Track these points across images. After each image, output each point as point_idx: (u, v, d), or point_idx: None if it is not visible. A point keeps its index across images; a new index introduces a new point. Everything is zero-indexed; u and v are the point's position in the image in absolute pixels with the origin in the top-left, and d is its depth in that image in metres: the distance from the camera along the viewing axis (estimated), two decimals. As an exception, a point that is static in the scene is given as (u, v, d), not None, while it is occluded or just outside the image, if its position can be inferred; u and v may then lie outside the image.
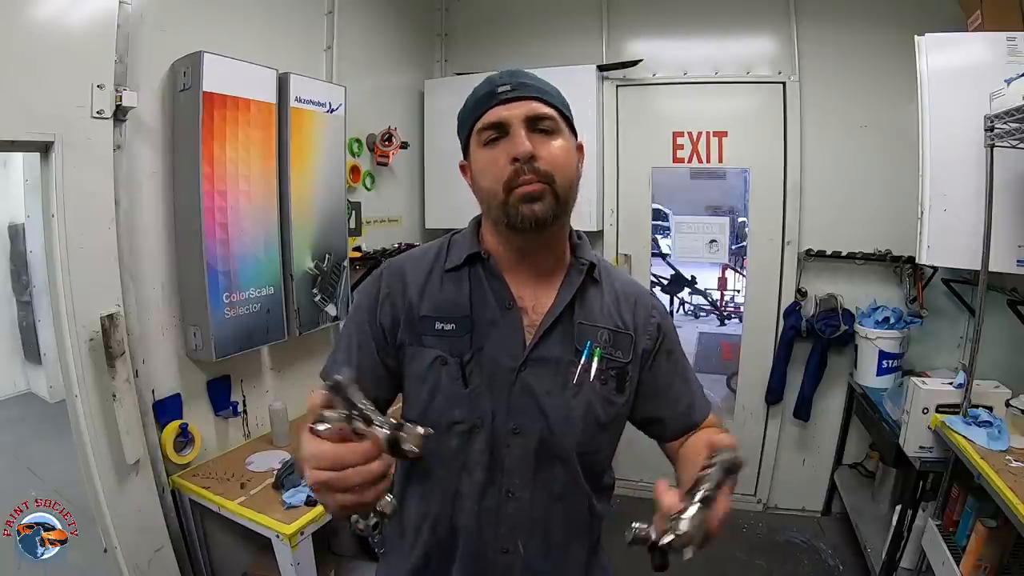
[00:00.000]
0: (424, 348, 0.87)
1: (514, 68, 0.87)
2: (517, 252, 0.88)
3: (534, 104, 0.82)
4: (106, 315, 1.57)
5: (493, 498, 0.86)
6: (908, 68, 2.04)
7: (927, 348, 2.63)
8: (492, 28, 3.14)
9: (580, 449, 0.87)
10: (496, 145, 0.82)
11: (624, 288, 0.94)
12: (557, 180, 0.81)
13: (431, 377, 0.86)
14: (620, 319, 0.90)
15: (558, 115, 0.84)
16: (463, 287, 0.88)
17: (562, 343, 0.86)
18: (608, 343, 0.88)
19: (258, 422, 2.13)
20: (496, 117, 0.81)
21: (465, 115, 0.87)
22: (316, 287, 2.21)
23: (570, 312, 0.88)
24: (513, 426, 0.85)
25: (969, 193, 1.87)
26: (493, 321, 0.86)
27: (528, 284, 0.89)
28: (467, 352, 0.85)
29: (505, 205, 0.81)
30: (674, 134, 2.91)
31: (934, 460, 1.93)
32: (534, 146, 0.80)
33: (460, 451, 0.86)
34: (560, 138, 0.83)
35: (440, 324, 0.86)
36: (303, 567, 1.62)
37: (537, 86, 0.84)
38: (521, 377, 0.85)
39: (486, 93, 0.83)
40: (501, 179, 0.80)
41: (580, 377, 0.85)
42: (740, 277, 5.00)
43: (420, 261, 0.92)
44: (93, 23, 1.54)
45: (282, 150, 2.03)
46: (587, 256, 0.92)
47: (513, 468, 0.85)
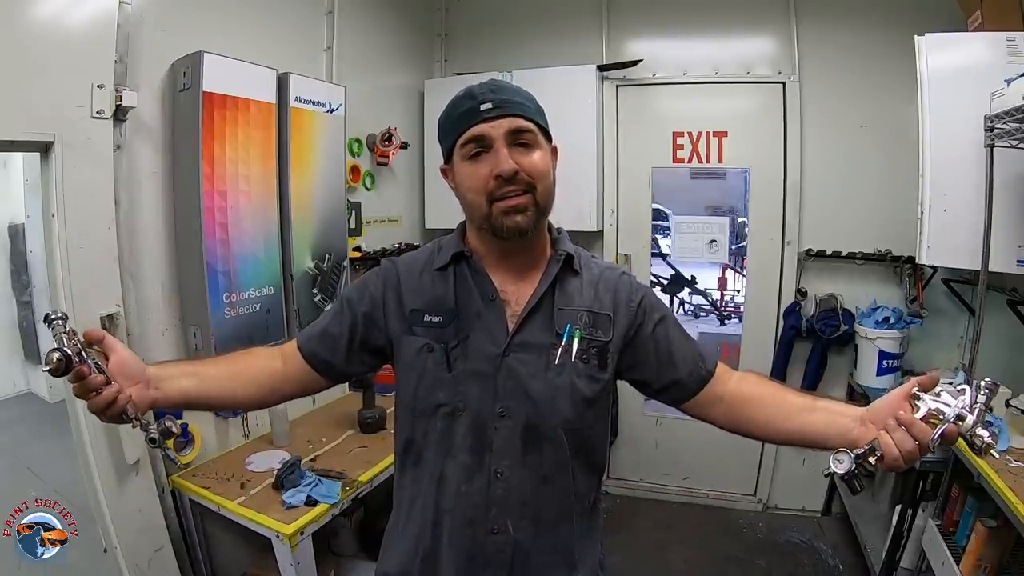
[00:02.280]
0: (414, 337, 0.94)
1: (492, 79, 0.94)
2: (499, 252, 0.95)
3: (515, 120, 0.88)
4: (106, 315, 1.57)
5: (481, 480, 0.90)
6: (908, 68, 2.05)
7: (927, 348, 2.63)
8: (492, 28, 3.14)
9: (567, 426, 0.91)
10: (479, 160, 0.88)
11: (603, 274, 1.00)
12: (538, 188, 0.89)
13: (418, 363, 0.93)
14: (599, 301, 0.95)
15: (536, 128, 0.90)
16: (449, 283, 0.95)
17: (543, 328, 0.92)
18: (588, 324, 0.93)
19: (258, 422, 2.13)
20: (480, 132, 0.87)
21: (448, 128, 0.92)
22: (316, 287, 2.21)
23: (550, 300, 0.94)
24: (500, 409, 0.90)
25: (969, 193, 1.87)
26: (478, 313, 0.93)
27: (510, 279, 0.95)
28: (452, 340, 0.91)
29: (489, 217, 0.89)
30: (674, 134, 2.91)
31: (934, 460, 1.93)
32: (515, 159, 0.87)
33: (445, 434, 0.91)
34: (538, 149, 0.90)
35: (428, 316, 0.94)
36: (303, 567, 1.62)
37: (517, 101, 0.90)
38: (505, 362, 0.90)
39: (468, 110, 0.88)
40: (484, 192, 0.87)
41: (561, 358, 0.91)
42: (740, 277, 5.00)
43: (414, 263, 1.00)
44: (93, 23, 1.54)
45: (282, 150, 2.03)
46: (565, 248, 0.97)
47: (502, 449, 0.90)
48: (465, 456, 0.90)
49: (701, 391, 0.97)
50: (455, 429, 0.91)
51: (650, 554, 2.61)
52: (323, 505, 1.68)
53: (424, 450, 0.94)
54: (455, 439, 0.91)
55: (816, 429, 0.87)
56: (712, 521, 2.91)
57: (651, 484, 3.08)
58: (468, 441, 0.90)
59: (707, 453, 2.99)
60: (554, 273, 0.94)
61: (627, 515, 2.94)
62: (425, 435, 0.93)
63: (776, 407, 0.92)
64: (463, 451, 0.90)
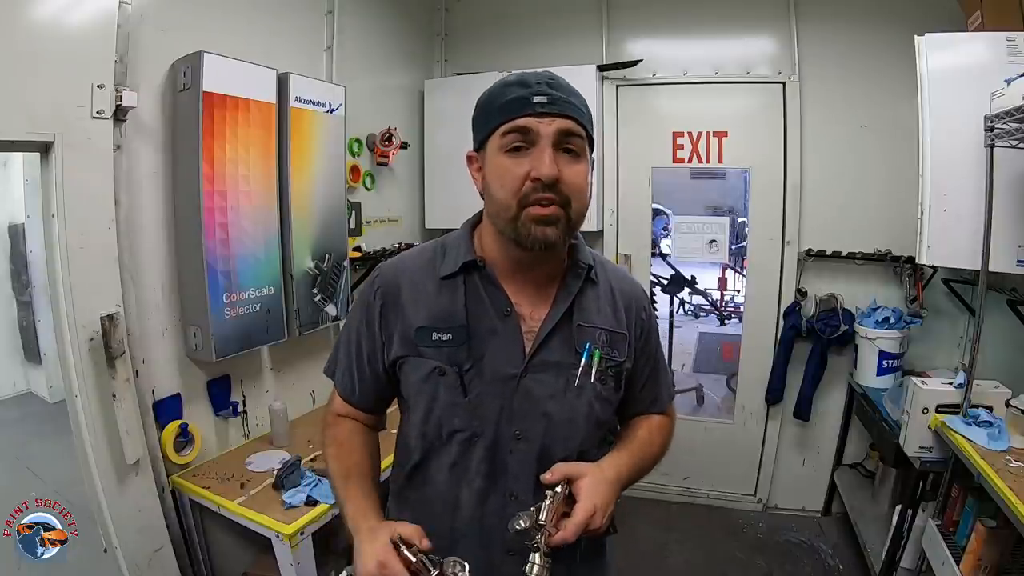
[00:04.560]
0: (422, 359, 0.86)
1: (548, 71, 0.85)
2: (515, 261, 0.87)
3: (568, 123, 0.80)
4: (106, 315, 1.57)
5: (496, 503, 0.86)
6: (908, 68, 2.04)
7: (927, 348, 2.63)
8: (492, 28, 3.14)
9: (581, 447, 0.87)
10: (519, 155, 0.79)
11: (620, 285, 0.95)
12: (573, 205, 0.80)
13: (429, 388, 0.86)
14: (615, 319, 0.92)
15: (585, 135, 0.82)
16: (458, 295, 0.87)
17: (562, 347, 0.87)
18: (606, 344, 0.89)
19: (258, 422, 2.13)
20: (527, 125, 0.79)
21: (489, 112, 0.83)
22: (316, 287, 2.21)
23: (568, 315, 0.88)
24: (516, 431, 0.85)
25: (969, 193, 1.86)
26: (492, 330, 0.86)
27: (525, 290, 0.88)
28: (466, 362, 0.84)
29: (516, 221, 0.80)
30: (674, 134, 2.91)
31: (934, 460, 1.93)
32: (559, 165, 0.78)
33: (460, 459, 0.86)
34: (582, 162, 0.82)
35: (437, 334, 0.85)
36: (303, 567, 1.62)
37: (573, 103, 0.82)
38: (523, 383, 0.85)
39: (519, 98, 0.80)
40: (517, 192, 0.79)
41: (581, 380, 0.86)
42: (740, 277, 5.00)
43: (414, 268, 0.91)
44: (93, 23, 1.54)
45: (282, 150, 2.03)
46: (585, 259, 0.91)
47: (517, 472, 0.86)
48: (480, 481, 0.86)
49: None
50: (472, 454, 0.86)
51: (650, 554, 2.61)
52: (323, 505, 1.68)
53: (436, 474, 0.88)
54: (471, 464, 0.86)
55: None
56: (712, 521, 2.91)
57: (651, 484, 3.07)
58: (484, 467, 0.85)
59: (707, 453, 2.99)
60: (575, 289, 0.88)
61: (627, 515, 2.94)
62: (437, 460, 0.88)
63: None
64: (479, 477, 0.86)
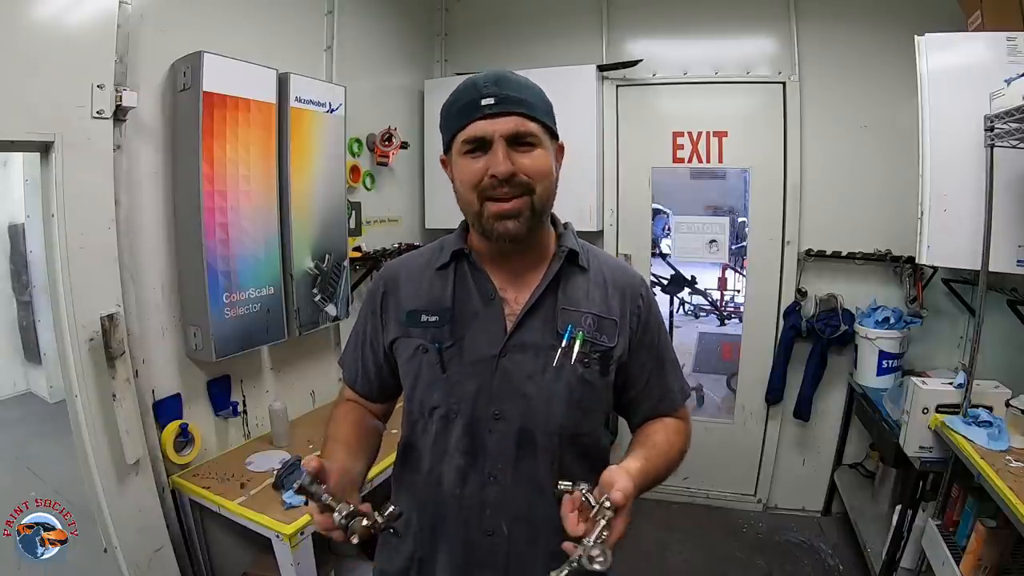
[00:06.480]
0: (410, 339, 0.92)
1: (500, 71, 0.87)
2: (498, 250, 0.92)
3: (517, 120, 0.83)
4: (106, 315, 1.57)
5: (476, 482, 0.89)
6: (908, 68, 2.04)
7: (927, 348, 2.63)
8: (492, 28, 3.14)
9: (563, 431, 0.89)
10: (477, 156, 0.84)
11: (613, 274, 0.97)
12: (537, 190, 0.85)
13: (414, 365, 0.92)
14: (606, 305, 0.93)
15: (540, 128, 0.86)
16: (448, 282, 0.93)
17: (543, 328, 0.90)
18: (592, 327, 0.90)
19: (258, 422, 2.13)
20: (479, 132, 0.83)
21: (448, 119, 0.89)
22: (316, 287, 2.21)
23: (553, 298, 0.91)
24: (495, 411, 0.88)
25: (969, 193, 1.86)
26: (475, 312, 0.90)
27: (511, 277, 0.93)
28: (447, 341, 0.89)
29: (480, 216, 0.86)
30: (674, 134, 2.91)
31: (934, 460, 1.93)
32: (513, 160, 0.83)
33: (440, 436, 0.91)
34: (540, 148, 0.86)
35: (425, 316, 0.92)
36: (303, 567, 1.62)
37: (522, 98, 0.84)
38: (501, 363, 0.88)
39: (469, 102, 0.84)
40: (476, 187, 0.84)
41: (560, 360, 0.88)
42: (740, 277, 4.99)
43: (415, 263, 0.98)
44: (93, 23, 1.54)
45: (282, 150, 2.03)
46: (568, 244, 0.94)
47: (495, 452, 0.88)
48: (460, 458, 0.89)
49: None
50: (450, 431, 0.90)
51: (650, 554, 2.61)
52: (323, 505, 1.68)
53: (422, 452, 0.93)
54: (450, 441, 0.90)
55: None
56: (712, 521, 2.91)
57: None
58: (463, 444, 0.89)
59: (707, 453, 2.98)
60: (555, 271, 0.91)
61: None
62: (422, 437, 0.93)
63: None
64: (458, 453, 0.89)
